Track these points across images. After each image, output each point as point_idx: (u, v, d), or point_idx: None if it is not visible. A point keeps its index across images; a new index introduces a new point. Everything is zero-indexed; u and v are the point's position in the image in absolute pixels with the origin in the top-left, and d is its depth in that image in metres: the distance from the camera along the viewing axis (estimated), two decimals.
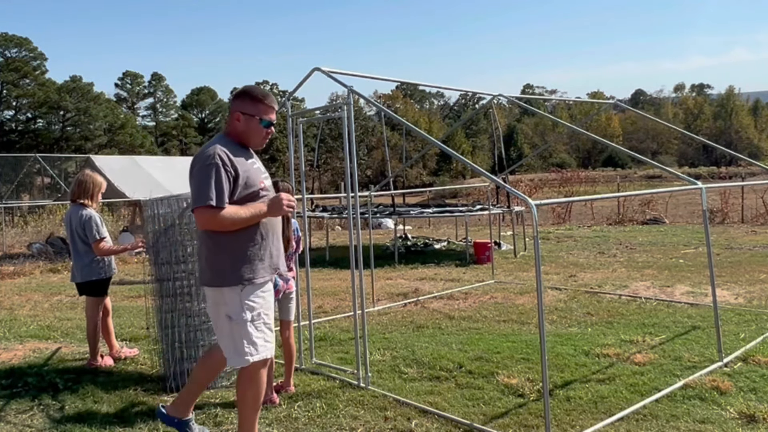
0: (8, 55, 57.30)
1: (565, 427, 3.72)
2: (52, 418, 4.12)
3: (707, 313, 6.30)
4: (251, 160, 3.28)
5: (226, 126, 3.32)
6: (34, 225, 18.48)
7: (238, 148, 3.24)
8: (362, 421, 3.88)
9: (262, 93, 3.30)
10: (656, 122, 56.22)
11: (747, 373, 4.51)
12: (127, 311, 7.49)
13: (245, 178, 3.15)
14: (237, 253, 3.15)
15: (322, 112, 6.30)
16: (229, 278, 3.15)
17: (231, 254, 3.15)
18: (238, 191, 3.12)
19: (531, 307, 6.96)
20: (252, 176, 3.20)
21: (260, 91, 3.30)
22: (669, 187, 8.92)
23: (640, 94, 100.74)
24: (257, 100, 3.26)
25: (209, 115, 75.94)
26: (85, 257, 5.14)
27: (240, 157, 3.19)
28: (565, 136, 71.52)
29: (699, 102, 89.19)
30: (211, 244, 3.18)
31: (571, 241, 13.57)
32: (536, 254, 3.48)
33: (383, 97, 73.14)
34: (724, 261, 9.83)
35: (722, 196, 18.71)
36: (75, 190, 5.24)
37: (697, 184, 5.02)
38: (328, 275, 10.04)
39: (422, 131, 3.98)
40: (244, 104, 3.26)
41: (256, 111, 3.25)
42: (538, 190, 25.83)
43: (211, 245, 3.19)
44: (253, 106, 3.25)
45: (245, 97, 3.27)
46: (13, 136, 56.71)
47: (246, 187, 3.15)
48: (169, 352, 4.66)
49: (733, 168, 47.22)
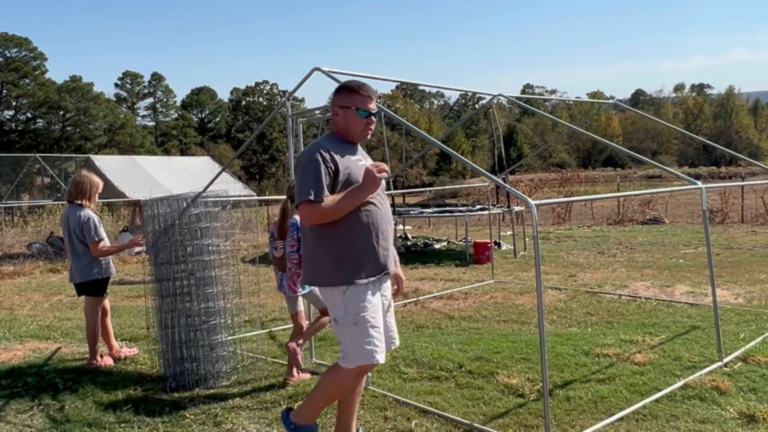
0: (8, 55, 57.33)
1: (565, 427, 3.72)
2: (52, 418, 4.12)
3: (707, 313, 6.30)
4: (356, 157, 3.21)
5: (332, 124, 3.29)
6: (34, 225, 18.50)
7: (343, 145, 3.18)
8: (362, 421, 3.88)
9: (357, 84, 3.23)
10: (656, 122, 56.23)
11: (747, 373, 4.51)
12: (127, 311, 7.49)
13: (346, 174, 3.08)
14: (339, 252, 3.07)
15: (322, 112, 6.30)
16: (332, 278, 3.09)
17: (333, 254, 3.08)
18: (338, 186, 3.05)
19: (531, 307, 6.96)
20: (354, 171, 3.11)
21: (355, 83, 3.25)
22: (669, 187, 8.93)
23: (640, 94, 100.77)
24: (352, 91, 3.19)
25: (209, 115, 75.98)
26: (83, 257, 5.13)
27: (344, 153, 3.14)
28: (565, 136, 71.53)
29: (699, 102, 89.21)
30: (313, 243, 3.13)
31: (571, 241, 13.57)
32: (536, 254, 3.48)
33: (383, 97, 73.13)
34: (724, 261, 9.83)
35: (722, 196, 18.71)
36: (72, 190, 5.24)
37: (697, 184, 5.02)
38: None
39: (422, 131, 3.98)
40: (340, 98, 3.21)
41: (353, 102, 3.18)
42: (538, 190, 25.83)
43: (312, 244, 3.14)
44: (349, 98, 3.19)
45: (341, 90, 3.23)
46: (13, 136, 56.73)
47: (347, 183, 3.08)
48: (169, 352, 4.66)
49: (733, 168, 47.24)
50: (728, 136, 77.68)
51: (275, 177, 62.79)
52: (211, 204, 4.82)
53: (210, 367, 4.68)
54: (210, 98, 75.54)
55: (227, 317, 4.87)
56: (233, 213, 5.57)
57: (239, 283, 5.06)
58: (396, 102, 73.07)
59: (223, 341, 4.80)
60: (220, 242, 4.86)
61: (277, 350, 5.60)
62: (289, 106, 4.99)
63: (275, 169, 65.43)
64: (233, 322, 4.98)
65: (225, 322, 4.84)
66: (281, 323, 6.63)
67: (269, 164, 66.44)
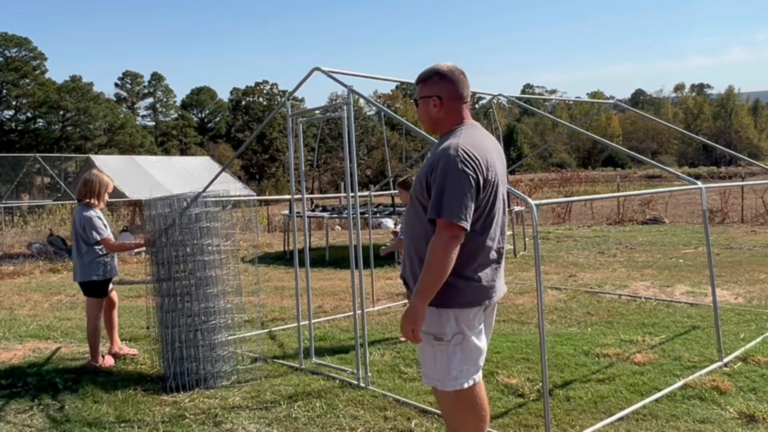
0: (8, 55, 57.34)
1: (564, 427, 3.72)
2: (52, 418, 4.12)
3: (707, 312, 6.30)
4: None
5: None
6: (34, 225, 18.50)
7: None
8: (362, 421, 3.88)
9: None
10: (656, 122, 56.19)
11: (747, 373, 4.51)
12: (127, 311, 7.48)
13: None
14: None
15: (322, 112, 6.31)
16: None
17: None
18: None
19: (531, 307, 6.96)
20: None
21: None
22: (669, 187, 8.92)
23: (640, 94, 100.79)
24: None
25: (209, 115, 76.03)
26: (85, 257, 5.13)
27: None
28: (565, 136, 71.54)
29: (699, 102, 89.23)
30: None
31: (571, 241, 13.57)
32: (536, 254, 3.48)
33: (383, 97, 73.12)
34: (723, 261, 9.83)
35: (722, 196, 18.70)
36: (81, 189, 5.23)
37: (697, 184, 5.02)
38: (328, 275, 10.04)
39: (422, 131, 3.98)
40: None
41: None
42: (538, 190, 25.78)
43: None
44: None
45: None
46: (13, 136, 56.74)
47: None
48: (169, 352, 4.66)
49: (733, 168, 47.20)
50: (728, 136, 77.71)
51: (275, 177, 62.81)
52: (211, 204, 4.82)
53: (210, 367, 4.68)
54: (210, 98, 75.59)
55: (227, 317, 4.87)
56: (233, 213, 5.57)
57: (239, 283, 5.06)
58: (396, 102, 73.04)
59: (223, 341, 4.80)
60: (220, 242, 4.86)
61: (277, 350, 5.60)
62: (289, 106, 4.99)
63: (275, 169, 65.43)
64: (233, 322, 4.99)
65: (225, 322, 4.84)
66: (281, 323, 6.63)
67: (269, 164, 66.43)
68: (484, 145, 2.72)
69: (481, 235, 2.69)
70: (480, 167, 2.60)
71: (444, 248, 2.54)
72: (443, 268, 2.55)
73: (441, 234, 2.55)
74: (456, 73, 2.81)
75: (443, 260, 2.54)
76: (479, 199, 2.62)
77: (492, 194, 2.68)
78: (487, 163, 2.65)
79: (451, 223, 2.52)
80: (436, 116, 2.82)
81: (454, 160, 2.57)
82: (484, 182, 2.62)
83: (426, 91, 2.83)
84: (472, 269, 2.69)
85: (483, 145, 2.71)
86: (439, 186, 2.57)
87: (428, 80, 2.83)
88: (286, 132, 5.35)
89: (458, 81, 2.81)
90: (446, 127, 2.81)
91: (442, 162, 2.60)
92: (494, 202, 2.71)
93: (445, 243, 2.54)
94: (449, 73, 2.80)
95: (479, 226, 2.67)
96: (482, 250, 2.71)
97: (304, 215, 5.46)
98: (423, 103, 2.85)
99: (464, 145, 2.63)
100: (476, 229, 2.65)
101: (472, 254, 2.68)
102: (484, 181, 2.62)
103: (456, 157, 2.58)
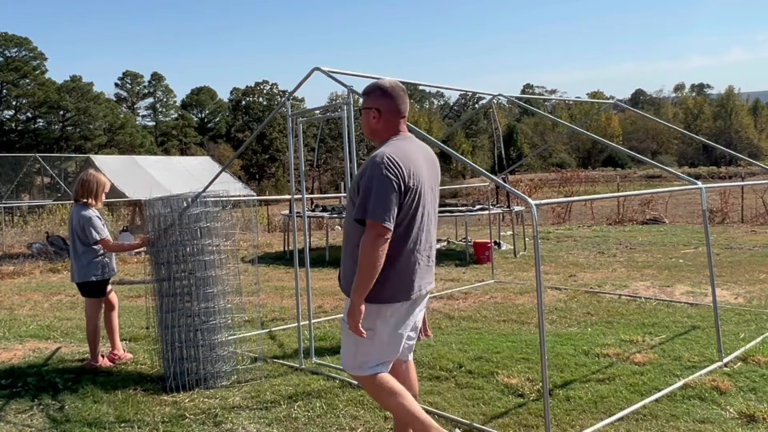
0: (8, 55, 57.34)
1: (564, 427, 3.72)
2: (52, 418, 4.13)
3: (707, 312, 6.30)
4: None
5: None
6: (34, 225, 18.49)
7: None
8: (362, 421, 3.89)
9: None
10: (656, 122, 56.21)
11: (747, 373, 4.51)
12: (127, 311, 7.48)
13: None
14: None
15: (321, 112, 6.31)
16: None
17: None
18: None
19: (531, 307, 6.96)
20: None
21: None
22: (669, 187, 8.93)
23: (640, 94, 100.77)
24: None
25: (209, 115, 76.00)
26: (83, 257, 5.13)
27: None
28: (565, 136, 71.50)
29: (699, 102, 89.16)
30: None
31: (571, 241, 13.57)
32: (536, 254, 3.49)
33: None
34: (723, 261, 9.83)
35: (722, 196, 18.70)
36: (78, 189, 5.23)
37: (697, 184, 5.02)
38: (328, 275, 10.04)
39: (422, 131, 3.97)
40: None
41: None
42: (538, 190, 25.79)
43: None
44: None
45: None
46: (13, 136, 56.72)
47: None
48: (169, 352, 4.66)
49: (733, 168, 47.22)
50: (728, 136, 77.66)
51: (275, 177, 62.80)
52: (211, 204, 4.82)
53: (210, 367, 4.68)
54: (210, 98, 75.56)
55: (227, 317, 4.87)
56: (233, 213, 5.56)
57: (239, 283, 5.06)
58: None
59: (223, 341, 4.81)
60: (220, 242, 4.86)
61: (277, 350, 5.60)
62: (289, 106, 4.99)
63: (275, 169, 65.42)
64: (233, 322, 4.98)
65: (225, 322, 4.84)
66: (281, 323, 6.63)
67: (269, 164, 66.41)
68: (410, 155, 2.98)
69: (405, 236, 2.95)
70: (402, 174, 2.87)
71: (372, 246, 2.81)
72: (373, 265, 2.82)
73: (369, 233, 2.83)
74: (397, 89, 3.10)
75: (372, 257, 2.81)
76: (402, 204, 2.89)
77: (415, 200, 2.95)
78: (410, 171, 2.91)
79: (376, 223, 2.80)
80: (374, 127, 3.11)
81: (379, 167, 2.85)
82: (406, 188, 2.89)
83: (368, 103, 3.12)
84: (394, 268, 2.94)
85: (408, 156, 2.97)
86: (366, 190, 2.85)
87: (371, 94, 3.12)
88: (286, 132, 5.35)
89: (398, 97, 3.09)
90: (382, 138, 3.10)
91: (370, 168, 2.89)
92: (417, 207, 2.97)
93: (373, 241, 2.81)
94: (390, 90, 3.09)
95: (402, 229, 2.93)
96: (404, 251, 2.97)
97: (304, 215, 5.45)
98: (365, 114, 3.13)
99: (390, 153, 2.90)
100: (400, 231, 2.92)
101: (396, 254, 2.93)
102: (406, 188, 2.89)
103: (381, 164, 2.86)
